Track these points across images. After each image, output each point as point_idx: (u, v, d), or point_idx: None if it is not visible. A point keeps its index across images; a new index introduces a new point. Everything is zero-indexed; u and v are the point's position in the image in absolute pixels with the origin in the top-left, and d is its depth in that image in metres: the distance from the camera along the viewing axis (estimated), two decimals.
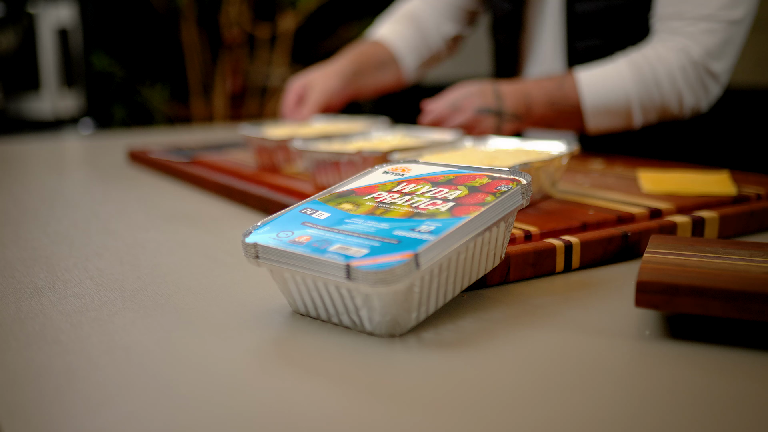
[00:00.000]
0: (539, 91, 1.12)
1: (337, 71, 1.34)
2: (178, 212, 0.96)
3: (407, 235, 0.53)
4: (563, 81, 1.13)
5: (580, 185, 0.95)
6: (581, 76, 1.12)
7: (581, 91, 1.11)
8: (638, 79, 1.10)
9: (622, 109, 1.12)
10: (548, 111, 1.13)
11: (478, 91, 1.12)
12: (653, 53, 1.11)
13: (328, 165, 0.94)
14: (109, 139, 1.91)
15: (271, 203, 0.91)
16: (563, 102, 1.12)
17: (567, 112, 1.13)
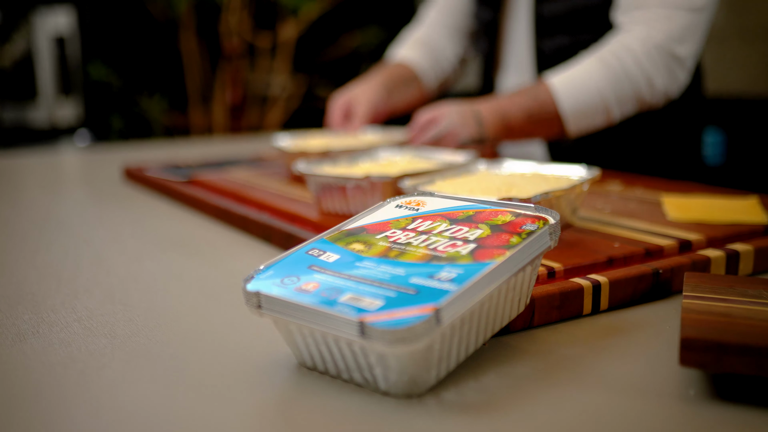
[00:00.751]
0: (516, 106, 1.13)
1: (378, 85, 1.39)
2: (174, 238, 0.91)
3: (426, 283, 0.48)
4: (537, 91, 1.14)
5: (601, 211, 0.90)
6: (554, 81, 1.13)
7: (557, 98, 1.12)
8: (608, 73, 1.12)
9: (600, 106, 1.13)
10: (527, 124, 1.14)
11: (461, 120, 1.12)
12: (617, 45, 1.13)
13: (334, 189, 0.88)
14: (105, 152, 1.86)
15: (273, 231, 0.86)
16: (541, 112, 1.13)
17: (546, 121, 1.14)
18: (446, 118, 1.12)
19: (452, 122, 1.11)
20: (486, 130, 1.12)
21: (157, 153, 1.73)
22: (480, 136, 1.12)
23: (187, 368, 0.52)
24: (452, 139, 1.11)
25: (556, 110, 1.13)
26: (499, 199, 0.70)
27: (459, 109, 1.13)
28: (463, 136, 1.11)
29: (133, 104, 2.85)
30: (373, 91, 1.37)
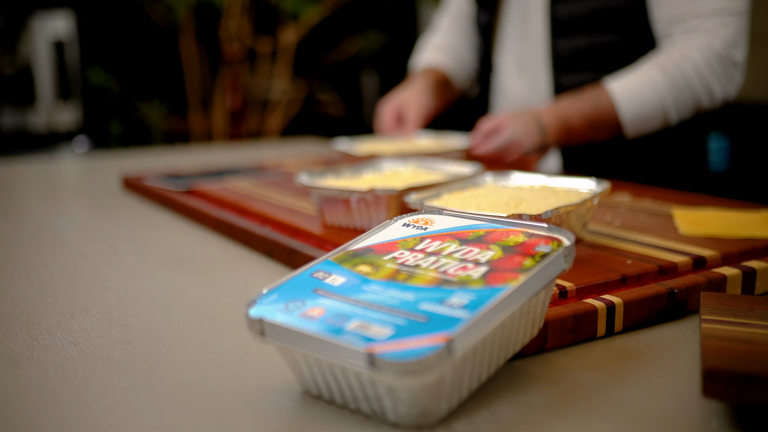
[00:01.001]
0: (576, 112, 1.17)
1: (425, 89, 1.44)
2: (173, 253, 0.89)
3: (436, 310, 0.46)
4: (598, 98, 1.16)
5: (611, 224, 0.87)
6: (614, 89, 1.16)
7: (618, 106, 1.15)
8: (669, 81, 1.14)
9: (659, 114, 1.16)
10: (587, 130, 1.18)
11: (524, 129, 1.16)
12: (678, 53, 1.15)
13: (337, 202, 0.86)
14: (103, 160, 1.84)
15: (275, 246, 0.84)
16: (601, 118, 1.16)
17: (605, 128, 1.17)
18: (510, 127, 1.16)
19: (516, 131, 1.15)
20: (548, 137, 1.16)
21: (156, 160, 1.71)
22: (543, 144, 1.15)
23: (186, 396, 0.50)
24: (517, 148, 1.15)
25: (615, 117, 1.16)
26: (509, 216, 0.68)
27: (522, 118, 1.16)
28: (527, 145, 1.15)
29: (133, 109, 2.83)
30: (423, 95, 1.42)
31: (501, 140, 1.16)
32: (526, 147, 1.16)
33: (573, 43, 1.26)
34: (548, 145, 1.17)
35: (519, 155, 1.16)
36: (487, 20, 1.40)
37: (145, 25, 2.96)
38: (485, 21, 1.41)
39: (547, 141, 1.16)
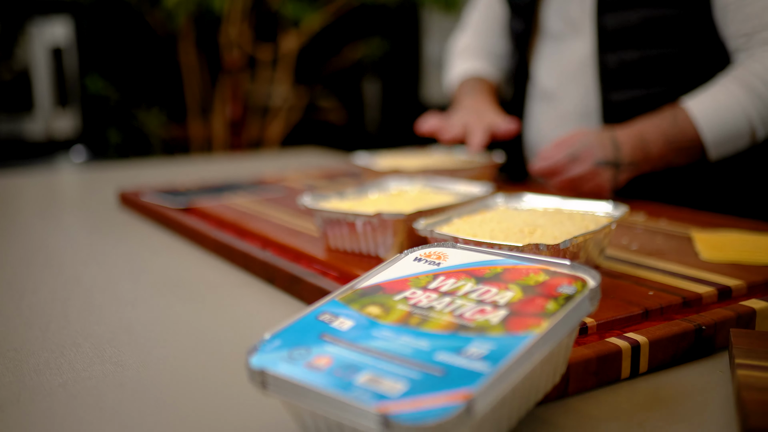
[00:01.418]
0: (654, 131, 1.08)
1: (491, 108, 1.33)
2: (171, 278, 0.85)
3: (454, 361, 0.42)
4: (675, 116, 1.08)
5: (627, 248, 0.84)
6: (693, 107, 1.07)
7: (698, 124, 1.07)
8: (753, 96, 1.06)
9: (744, 131, 1.07)
10: (666, 151, 1.08)
11: (597, 141, 1.08)
12: (760, 66, 1.07)
13: (342, 226, 0.83)
14: (100, 171, 1.80)
15: (276, 272, 0.80)
16: (681, 138, 1.07)
17: (686, 148, 1.08)
18: (582, 138, 1.08)
19: (589, 141, 1.07)
20: (622, 154, 1.07)
21: (155, 172, 1.68)
22: (616, 160, 1.07)
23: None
24: (588, 158, 1.07)
25: (697, 136, 1.07)
26: (525, 247, 0.65)
27: (595, 132, 1.09)
28: (598, 156, 1.06)
29: (131, 117, 2.80)
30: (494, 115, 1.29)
31: (573, 149, 1.07)
32: (597, 157, 1.06)
33: (622, 57, 1.17)
34: (622, 162, 1.07)
35: (590, 166, 1.05)
36: (521, 28, 1.32)
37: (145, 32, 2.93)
38: (519, 29, 1.33)
39: (620, 157, 1.07)
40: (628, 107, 1.16)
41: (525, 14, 1.30)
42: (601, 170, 1.06)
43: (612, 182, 1.07)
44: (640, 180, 1.22)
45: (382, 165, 1.18)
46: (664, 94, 1.14)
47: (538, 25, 1.30)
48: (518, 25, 1.33)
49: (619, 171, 1.07)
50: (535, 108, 1.34)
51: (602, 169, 1.06)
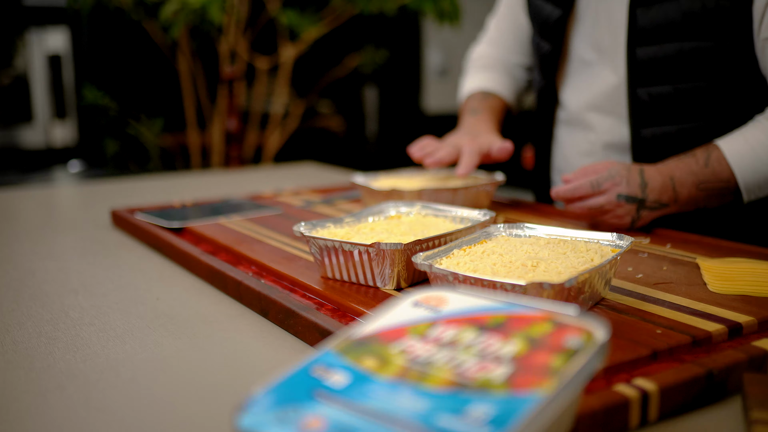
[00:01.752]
0: (685, 172, 1.01)
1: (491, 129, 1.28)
2: (162, 309, 0.82)
3: (454, 426, 0.40)
4: (708, 157, 1.02)
5: (632, 277, 0.81)
6: (726, 148, 1.01)
7: (732, 166, 1.01)
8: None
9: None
10: (696, 193, 1.02)
11: (624, 174, 1.00)
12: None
13: (338, 254, 0.80)
14: (95, 185, 1.77)
15: (270, 304, 0.77)
16: (712, 180, 1.01)
17: (717, 190, 1.02)
18: (609, 168, 1.01)
19: (616, 173, 1.00)
20: (649, 192, 1.00)
21: (150, 187, 1.65)
22: (640, 196, 1.00)
23: None
24: (611, 189, 1.00)
25: (730, 179, 1.01)
26: (529, 285, 0.62)
27: (624, 165, 1.02)
28: (622, 189, 0.99)
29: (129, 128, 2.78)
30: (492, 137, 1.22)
31: (598, 176, 1.00)
32: (621, 190, 0.99)
33: (654, 90, 1.10)
34: (647, 199, 1.00)
35: (613, 198, 0.99)
36: (548, 50, 1.24)
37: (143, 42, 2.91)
38: (546, 50, 1.25)
39: (647, 194, 1.00)
40: (660, 143, 1.11)
41: (553, 36, 1.23)
42: (622, 204, 1.00)
43: (633, 218, 1.02)
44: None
45: (380, 185, 1.16)
46: (698, 129, 1.09)
47: (567, 48, 1.24)
48: (545, 46, 1.26)
49: (642, 208, 1.01)
50: (563, 133, 1.29)
51: (624, 203, 1.00)
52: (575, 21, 1.21)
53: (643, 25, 1.09)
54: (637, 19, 1.09)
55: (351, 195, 1.34)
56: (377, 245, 0.76)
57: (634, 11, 1.09)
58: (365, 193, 1.16)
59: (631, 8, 1.10)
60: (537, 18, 1.27)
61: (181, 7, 1.97)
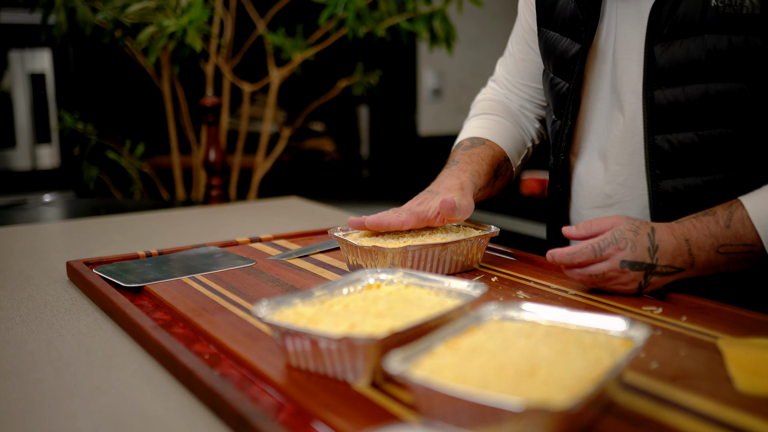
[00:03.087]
0: (702, 233, 0.91)
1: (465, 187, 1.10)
2: (99, 405, 0.71)
3: None
4: (730, 217, 0.91)
5: (646, 366, 0.70)
6: (751, 207, 0.90)
7: (757, 228, 0.90)
8: None
9: None
10: (715, 257, 0.91)
11: (629, 237, 0.89)
12: None
13: (305, 343, 0.69)
14: (60, 224, 1.66)
15: (222, 404, 0.66)
16: (734, 243, 0.90)
17: (741, 254, 0.91)
18: (615, 231, 0.90)
19: (621, 237, 0.89)
20: (660, 255, 0.89)
21: (123, 224, 1.54)
22: (651, 261, 0.89)
23: None
24: (614, 256, 0.89)
25: (754, 242, 0.90)
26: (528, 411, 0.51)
27: (633, 226, 0.90)
28: (627, 256, 0.89)
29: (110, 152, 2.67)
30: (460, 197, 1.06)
31: (601, 239, 0.89)
32: (625, 256, 0.88)
33: (676, 138, 0.99)
34: (656, 265, 0.89)
35: (616, 264, 0.89)
36: (565, 89, 1.11)
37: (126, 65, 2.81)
38: (563, 90, 1.12)
39: (656, 261, 0.89)
40: (682, 197, 1.00)
41: (570, 73, 1.09)
42: (627, 271, 0.89)
43: (640, 284, 0.91)
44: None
45: (360, 240, 1.04)
46: (726, 182, 0.98)
47: (585, 88, 1.10)
48: (561, 84, 1.12)
49: (652, 274, 0.90)
50: (576, 181, 1.15)
51: (628, 270, 0.89)
52: (594, 57, 1.08)
53: (662, 65, 0.98)
54: (656, 58, 0.98)
55: (331, 243, 1.23)
56: (347, 339, 0.65)
57: (651, 48, 0.98)
58: (344, 248, 1.05)
59: (648, 45, 0.98)
60: (551, 53, 1.14)
61: (158, 30, 1.86)
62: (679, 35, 0.96)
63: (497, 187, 1.21)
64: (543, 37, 1.16)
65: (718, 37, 0.93)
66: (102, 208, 1.91)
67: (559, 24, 1.11)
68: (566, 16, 1.09)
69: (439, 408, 0.56)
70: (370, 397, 0.66)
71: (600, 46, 1.07)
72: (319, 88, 3.04)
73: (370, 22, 2.26)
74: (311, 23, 2.63)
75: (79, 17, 1.95)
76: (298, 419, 0.63)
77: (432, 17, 2.36)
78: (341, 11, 2.20)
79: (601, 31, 1.07)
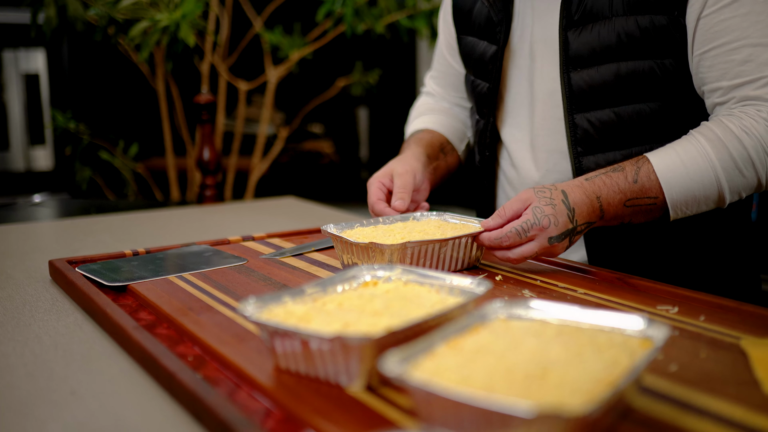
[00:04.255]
0: (612, 190, 0.95)
1: (414, 155, 1.18)
2: (72, 412, 0.65)
3: None
4: (637, 172, 0.96)
5: (665, 370, 0.65)
6: (657, 163, 0.96)
7: (661, 181, 0.95)
8: (726, 158, 0.95)
9: (711, 194, 0.96)
10: (623, 210, 0.96)
11: (550, 213, 0.91)
12: (737, 126, 0.96)
13: (295, 343, 0.63)
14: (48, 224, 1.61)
15: (204, 409, 0.60)
16: (640, 197, 0.96)
17: (645, 207, 0.97)
18: (534, 209, 0.92)
19: (543, 213, 0.91)
20: (577, 217, 0.93)
21: (113, 224, 1.49)
22: (572, 225, 0.93)
23: None
24: (542, 234, 0.92)
25: (658, 195, 0.96)
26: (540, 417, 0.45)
27: (546, 194, 0.92)
28: (552, 231, 0.91)
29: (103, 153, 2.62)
30: (411, 162, 1.15)
31: (521, 225, 0.91)
32: (551, 231, 0.91)
33: (594, 117, 1.06)
34: (577, 227, 0.94)
35: (544, 243, 0.92)
36: (485, 89, 1.19)
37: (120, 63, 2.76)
38: (483, 90, 1.19)
39: (576, 223, 0.93)
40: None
41: (490, 74, 1.16)
42: (556, 245, 0.93)
43: (565, 248, 0.95)
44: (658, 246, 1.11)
45: (356, 236, 0.99)
46: (641, 154, 1.00)
47: (505, 85, 1.17)
48: (482, 85, 1.19)
49: (573, 235, 0.94)
50: (505, 173, 1.23)
51: (557, 243, 0.93)
52: (511, 56, 1.15)
53: (576, 49, 1.05)
54: (570, 43, 1.05)
55: (327, 242, 1.17)
56: (340, 338, 0.59)
57: (565, 35, 1.05)
58: (339, 246, 1.00)
59: (562, 32, 1.05)
60: (470, 57, 1.22)
61: (151, 25, 1.81)
62: (590, 20, 1.03)
63: (448, 162, 1.27)
64: (462, 43, 1.24)
65: (625, 19, 1.01)
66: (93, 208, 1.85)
67: (476, 29, 1.18)
68: (481, 20, 1.16)
69: (440, 414, 0.50)
70: (365, 401, 0.60)
71: (515, 45, 1.14)
72: (317, 88, 3.00)
73: (368, 19, 2.21)
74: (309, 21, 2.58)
75: (70, 13, 1.90)
76: (287, 426, 0.58)
77: (433, 14, 2.31)
78: (339, 7, 2.15)
79: (515, 30, 1.13)
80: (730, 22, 0.97)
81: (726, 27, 0.97)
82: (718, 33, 0.97)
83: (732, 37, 0.97)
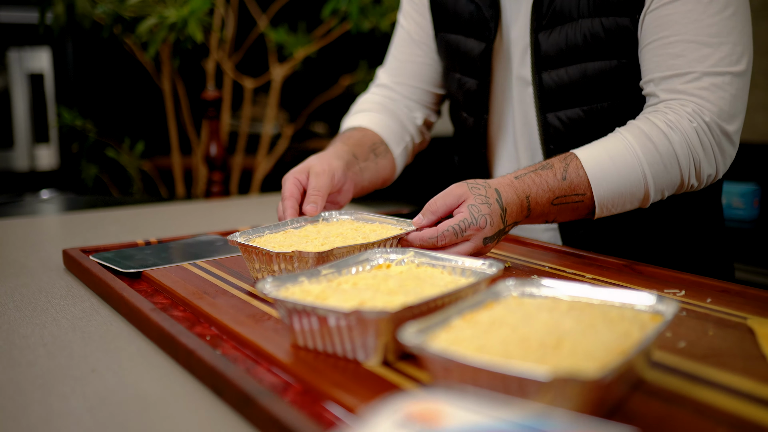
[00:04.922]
0: (541, 188, 0.94)
1: (336, 154, 1.11)
2: (94, 387, 0.67)
3: None
4: (565, 169, 0.95)
5: (674, 347, 0.66)
6: (585, 158, 0.95)
7: (590, 177, 0.94)
8: (651, 154, 0.95)
9: (637, 191, 0.96)
10: (549, 209, 0.95)
11: (485, 213, 0.88)
12: (662, 121, 0.96)
13: (312, 320, 0.65)
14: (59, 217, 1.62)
15: (225, 384, 0.62)
16: (568, 195, 0.94)
17: (572, 205, 0.95)
18: (467, 203, 0.88)
19: (479, 213, 0.88)
20: (508, 217, 0.91)
21: (122, 218, 1.50)
22: (503, 226, 0.91)
23: None
24: (477, 234, 0.88)
25: (585, 193, 0.94)
26: (555, 380, 0.47)
27: (478, 189, 0.89)
28: (488, 231, 0.88)
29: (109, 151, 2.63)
30: (329, 159, 1.08)
31: (454, 225, 0.87)
32: (486, 232, 0.88)
33: (565, 116, 1.08)
34: (506, 228, 0.92)
35: (479, 243, 0.88)
36: (474, 87, 1.17)
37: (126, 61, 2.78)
38: (472, 88, 1.17)
39: (506, 222, 0.91)
40: None
41: (479, 71, 1.15)
42: (489, 245, 0.91)
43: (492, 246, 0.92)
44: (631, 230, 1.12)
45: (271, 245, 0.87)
46: None
47: (493, 81, 1.17)
48: (469, 83, 1.17)
49: (503, 235, 0.92)
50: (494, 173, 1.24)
51: (490, 244, 0.91)
52: (495, 54, 1.16)
53: (545, 50, 1.07)
54: (540, 45, 1.07)
55: None
56: (358, 313, 0.61)
57: (536, 37, 1.07)
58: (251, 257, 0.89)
59: (533, 34, 1.07)
60: (454, 54, 1.19)
61: (159, 21, 1.83)
62: (559, 22, 1.05)
63: (380, 164, 1.19)
64: (443, 40, 1.21)
65: (591, 21, 1.02)
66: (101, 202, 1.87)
67: (461, 26, 1.17)
68: (466, 17, 1.16)
69: (458, 382, 0.52)
70: (383, 375, 0.62)
71: (496, 44, 1.15)
72: (322, 86, 3.01)
73: (373, 17, 2.23)
74: (314, 19, 2.60)
75: (79, 10, 1.92)
76: (307, 398, 0.59)
77: None
78: (345, 5, 2.17)
79: (501, 28, 1.14)
80: (672, 18, 0.98)
81: (666, 22, 0.98)
82: (659, 27, 0.98)
83: (670, 31, 0.97)
